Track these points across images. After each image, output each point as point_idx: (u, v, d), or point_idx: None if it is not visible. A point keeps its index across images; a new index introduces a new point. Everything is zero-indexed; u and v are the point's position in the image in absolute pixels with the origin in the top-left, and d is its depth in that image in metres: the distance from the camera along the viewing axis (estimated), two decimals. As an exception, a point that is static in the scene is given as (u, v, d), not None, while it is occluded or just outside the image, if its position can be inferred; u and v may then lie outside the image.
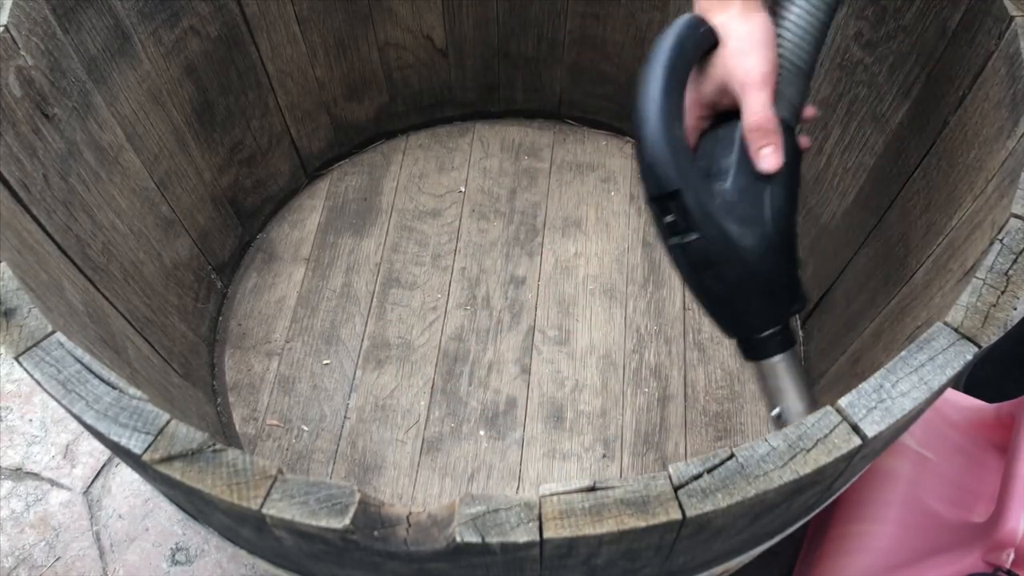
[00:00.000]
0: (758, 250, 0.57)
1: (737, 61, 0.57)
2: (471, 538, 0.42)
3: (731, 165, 0.57)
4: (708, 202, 0.55)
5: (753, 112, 0.57)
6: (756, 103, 0.57)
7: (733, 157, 0.57)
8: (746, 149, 0.57)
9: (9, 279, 0.51)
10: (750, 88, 0.57)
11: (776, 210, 0.58)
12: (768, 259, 0.58)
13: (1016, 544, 0.70)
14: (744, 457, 0.45)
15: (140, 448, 0.45)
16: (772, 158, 0.58)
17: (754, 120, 0.57)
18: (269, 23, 0.91)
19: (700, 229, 0.55)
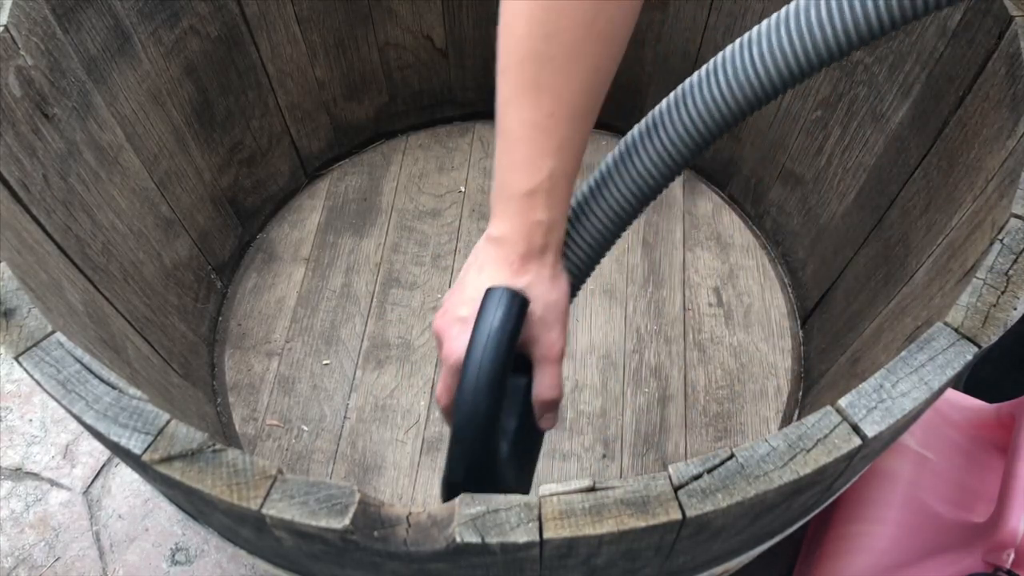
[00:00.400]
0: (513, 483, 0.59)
1: (540, 332, 0.54)
2: (471, 538, 0.42)
3: (513, 426, 0.57)
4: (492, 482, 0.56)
5: (548, 387, 0.56)
6: (551, 378, 0.56)
7: (516, 419, 0.57)
8: (529, 408, 0.58)
9: (9, 279, 0.51)
10: (548, 363, 0.56)
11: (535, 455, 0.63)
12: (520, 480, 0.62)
13: (1016, 544, 0.70)
14: (744, 457, 0.45)
15: (140, 448, 0.45)
16: (551, 422, 0.60)
17: (547, 396, 0.57)
18: (269, 23, 0.91)
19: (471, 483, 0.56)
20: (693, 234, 1.05)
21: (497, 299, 0.51)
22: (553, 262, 0.54)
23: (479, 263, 0.55)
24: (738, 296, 0.99)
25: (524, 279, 0.52)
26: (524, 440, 0.59)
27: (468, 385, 0.51)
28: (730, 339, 0.96)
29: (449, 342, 0.54)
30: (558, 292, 0.54)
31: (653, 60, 1.04)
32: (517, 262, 0.52)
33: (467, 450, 0.53)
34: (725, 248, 1.03)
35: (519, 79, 0.48)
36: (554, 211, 0.52)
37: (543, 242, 0.52)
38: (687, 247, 1.03)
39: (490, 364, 0.50)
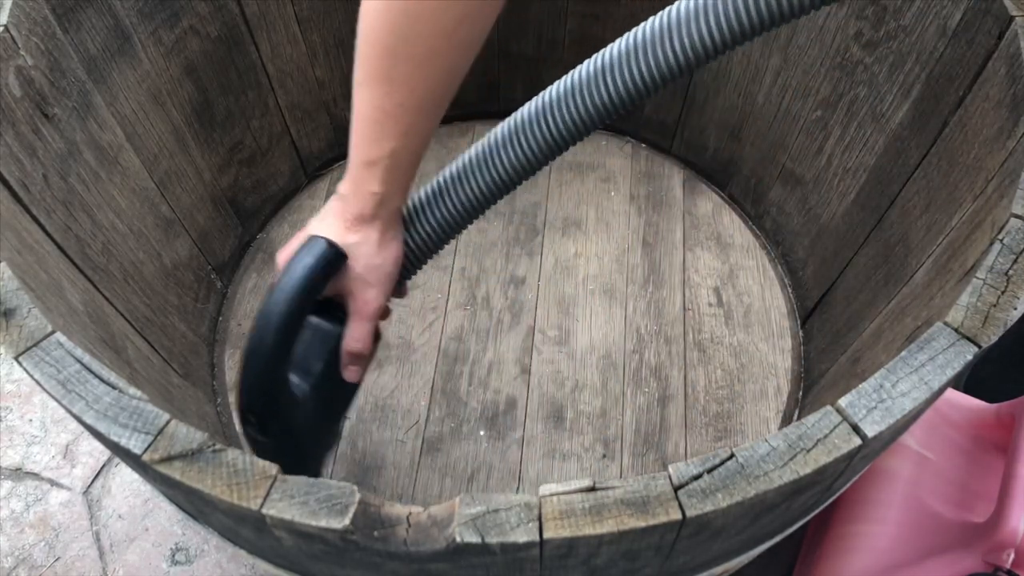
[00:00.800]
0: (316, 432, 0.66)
1: (358, 289, 0.60)
2: (471, 538, 0.42)
3: (318, 369, 0.62)
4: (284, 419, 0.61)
5: (356, 339, 0.62)
6: (363, 332, 0.62)
7: (322, 363, 0.62)
8: (338, 356, 0.63)
9: (9, 279, 0.51)
10: (360, 318, 0.61)
11: (344, 399, 0.68)
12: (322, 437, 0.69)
13: (1016, 544, 0.70)
14: (744, 457, 0.45)
15: (140, 448, 0.45)
16: (358, 374, 0.65)
17: (355, 347, 0.62)
18: (269, 23, 0.91)
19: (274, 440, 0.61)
20: (693, 234, 1.05)
21: (310, 246, 0.57)
22: (383, 230, 0.59)
23: (322, 213, 0.60)
24: (738, 296, 0.99)
25: (352, 237, 0.58)
26: (330, 386, 0.64)
27: (261, 315, 0.56)
28: (730, 339, 0.96)
29: (274, 273, 0.60)
30: (383, 258, 0.60)
31: (653, 60, 1.04)
32: (349, 222, 0.58)
33: (253, 374, 0.58)
34: (725, 248, 1.04)
35: (375, 67, 0.52)
36: (390, 186, 0.56)
37: (373, 211, 0.57)
38: (687, 247, 1.03)
39: (284, 299, 0.56)
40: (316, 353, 0.62)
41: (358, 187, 0.57)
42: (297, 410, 0.62)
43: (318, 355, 0.62)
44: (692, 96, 1.05)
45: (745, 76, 0.97)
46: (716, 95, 1.02)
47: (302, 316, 0.58)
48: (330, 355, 0.63)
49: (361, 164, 0.56)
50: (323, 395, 0.64)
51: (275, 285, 0.57)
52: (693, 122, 1.07)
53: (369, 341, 0.63)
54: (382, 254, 0.60)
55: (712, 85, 1.01)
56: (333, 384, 0.65)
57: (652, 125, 1.11)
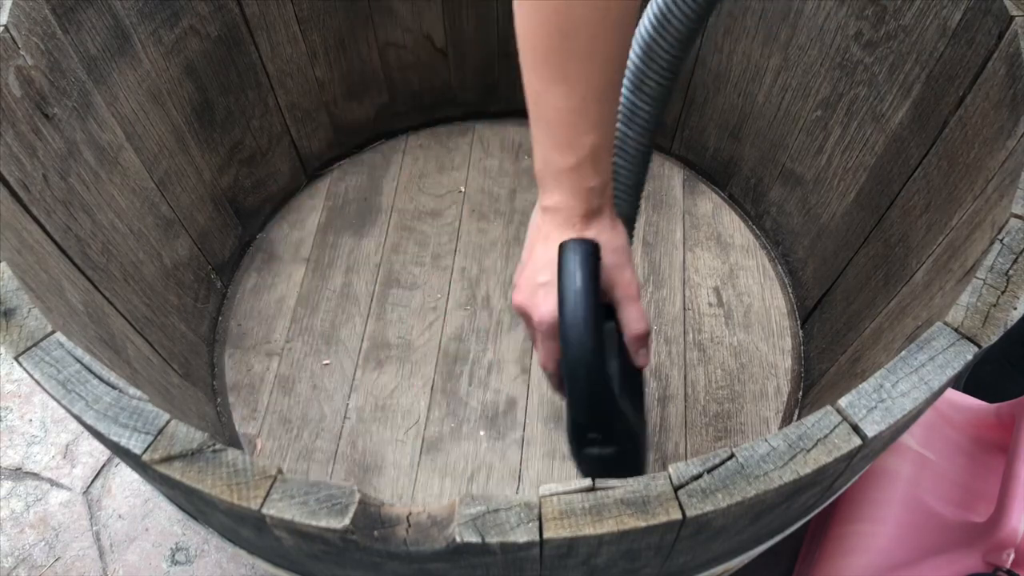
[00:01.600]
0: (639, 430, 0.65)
1: (616, 275, 0.60)
2: (471, 538, 0.42)
3: (615, 367, 0.61)
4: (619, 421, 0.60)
5: (636, 322, 0.61)
6: (637, 314, 0.61)
7: (616, 360, 0.61)
8: (625, 349, 0.62)
9: (9, 279, 0.51)
10: (630, 301, 0.61)
11: (640, 392, 0.66)
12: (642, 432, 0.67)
13: (1016, 544, 0.70)
14: (744, 457, 0.45)
15: (140, 448, 0.45)
16: (647, 356, 0.64)
17: (638, 330, 0.61)
18: (269, 23, 0.91)
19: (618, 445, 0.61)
20: (693, 234, 1.05)
21: (572, 249, 0.56)
22: (611, 215, 0.59)
23: (543, 233, 0.59)
24: (738, 296, 0.99)
25: (590, 233, 0.57)
26: (628, 380, 0.63)
27: (571, 333, 0.54)
28: (730, 339, 0.96)
29: (537, 308, 0.59)
30: (621, 238, 0.60)
31: (653, 60, 1.04)
32: (579, 222, 0.57)
33: (586, 395, 0.56)
34: (725, 248, 1.04)
35: (548, 73, 0.54)
36: (602, 175, 0.57)
37: (599, 203, 0.57)
38: (687, 247, 1.03)
39: (585, 306, 0.54)
40: (607, 356, 0.61)
41: (575, 190, 0.56)
42: (617, 409, 0.61)
43: (609, 356, 0.61)
44: (692, 96, 1.05)
45: (745, 76, 0.97)
46: (716, 95, 1.02)
47: (602, 320, 0.57)
48: (618, 350, 0.62)
49: (568, 170, 0.56)
50: (627, 391, 0.63)
51: (564, 305, 0.55)
52: (693, 122, 1.07)
53: (647, 322, 0.62)
54: (618, 236, 0.60)
55: (712, 85, 1.01)
56: (629, 376, 0.64)
57: (652, 125, 1.11)
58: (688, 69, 1.02)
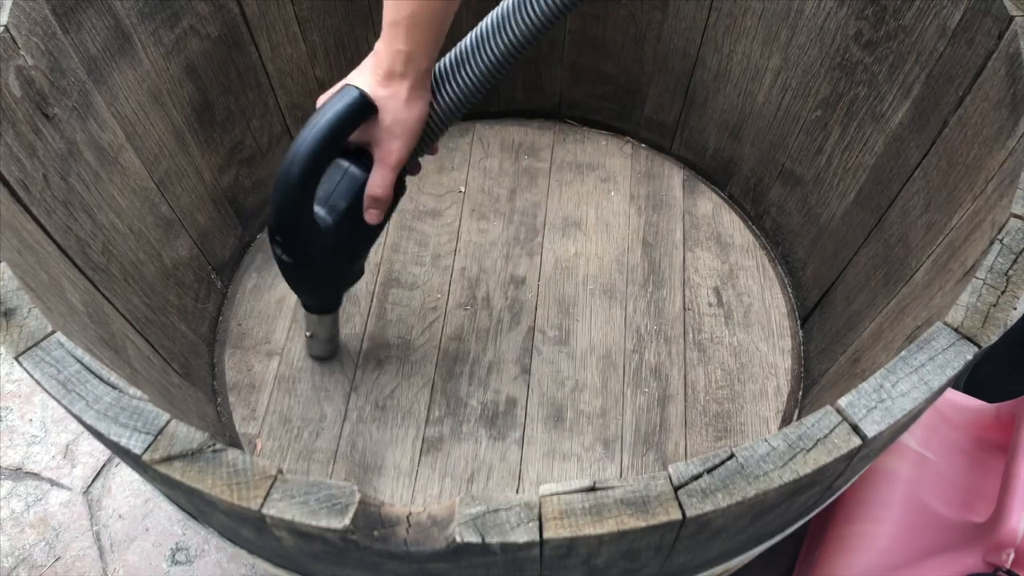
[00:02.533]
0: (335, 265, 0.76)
1: (384, 139, 0.67)
2: (471, 538, 0.42)
3: (343, 206, 0.70)
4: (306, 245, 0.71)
5: (377, 185, 0.70)
6: (384, 179, 0.69)
7: (346, 203, 0.70)
8: (360, 198, 0.71)
9: (9, 279, 0.51)
10: (383, 166, 0.69)
11: (362, 239, 0.76)
12: (341, 270, 0.78)
13: (1016, 544, 0.70)
14: (744, 457, 0.45)
15: (140, 448, 0.45)
16: (377, 217, 0.72)
17: (378, 192, 0.70)
18: (269, 23, 0.91)
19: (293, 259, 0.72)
20: (693, 234, 1.05)
21: (343, 94, 0.65)
22: (411, 87, 0.65)
23: (360, 67, 0.67)
24: (738, 296, 0.99)
25: (382, 91, 0.65)
26: (351, 224, 0.72)
27: (292, 146, 0.64)
28: (730, 339, 0.96)
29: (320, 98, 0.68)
30: (409, 113, 0.66)
31: (653, 60, 1.04)
32: (381, 77, 0.65)
33: (279, 198, 0.66)
34: (725, 248, 1.04)
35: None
36: (413, 46, 0.63)
37: (402, 69, 0.64)
38: (687, 247, 1.03)
39: (312, 135, 0.64)
40: (343, 193, 0.70)
41: (387, 45, 0.63)
42: (319, 239, 0.71)
43: (344, 195, 0.70)
44: (692, 96, 1.05)
45: (745, 76, 0.97)
46: (716, 95, 1.02)
47: (328, 153, 0.66)
48: (354, 197, 0.70)
49: (388, 24, 0.62)
50: (344, 231, 0.72)
51: (308, 122, 0.65)
52: (693, 122, 1.07)
53: (389, 189, 0.70)
54: (408, 109, 0.66)
55: (712, 85, 1.01)
56: (354, 223, 0.72)
57: (652, 125, 1.11)
58: (688, 69, 1.02)
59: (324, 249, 0.72)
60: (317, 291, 0.81)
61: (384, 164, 0.68)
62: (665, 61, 1.03)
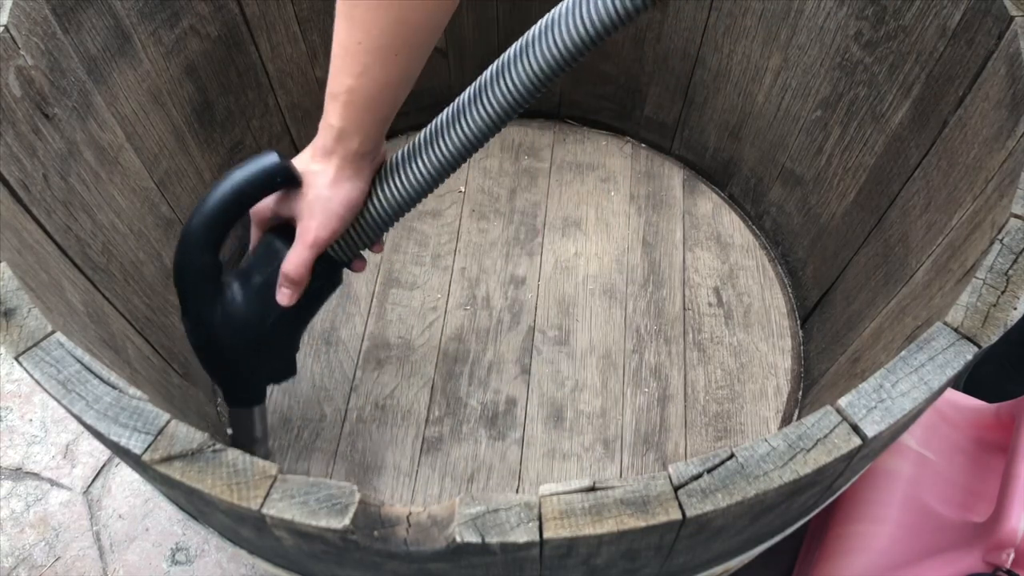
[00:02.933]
0: (249, 352, 0.70)
1: (305, 215, 0.63)
2: (471, 538, 0.42)
3: (257, 281, 0.66)
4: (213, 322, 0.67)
5: (292, 263, 0.64)
6: (298, 258, 0.64)
7: (261, 277, 0.66)
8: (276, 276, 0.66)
9: (9, 279, 0.51)
10: (300, 244, 0.64)
11: (276, 324, 0.68)
12: (257, 360, 0.71)
13: (1016, 544, 0.70)
14: (744, 457, 0.45)
15: (140, 448, 0.45)
16: (287, 299, 0.66)
17: (289, 270, 0.65)
18: (269, 23, 0.91)
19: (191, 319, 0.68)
20: (693, 234, 1.05)
21: (261, 156, 0.62)
22: (339, 167, 0.62)
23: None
24: (738, 296, 0.99)
25: (313, 166, 0.63)
26: (261, 304, 0.67)
27: (198, 203, 0.62)
28: (730, 339, 0.96)
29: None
30: (333, 194, 0.63)
31: (653, 60, 1.04)
32: (315, 151, 0.63)
33: (180, 259, 0.64)
34: (725, 248, 1.04)
35: (340, 7, 0.58)
36: (347, 122, 0.60)
37: (332, 146, 0.61)
38: (687, 247, 1.03)
39: (219, 191, 0.62)
40: (260, 267, 0.66)
41: (324, 118, 0.61)
42: (224, 308, 0.66)
43: (261, 269, 0.66)
44: (692, 96, 1.05)
45: (745, 76, 0.97)
46: (716, 95, 1.02)
47: (232, 209, 0.62)
48: (272, 274, 0.66)
49: (328, 96, 0.60)
50: (256, 311, 0.67)
51: (218, 179, 0.62)
52: (693, 122, 1.07)
53: (301, 268, 0.65)
54: (333, 190, 0.62)
55: (712, 85, 1.01)
56: (267, 303, 0.67)
57: (652, 125, 1.11)
58: (688, 69, 1.02)
59: (234, 329, 0.67)
60: (228, 375, 0.73)
61: (301, 241, 0.64)
62: (665, 61, 1.03)
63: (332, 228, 0.64)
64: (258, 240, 0.68)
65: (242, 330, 0.67)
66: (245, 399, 0.76)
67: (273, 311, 0.67)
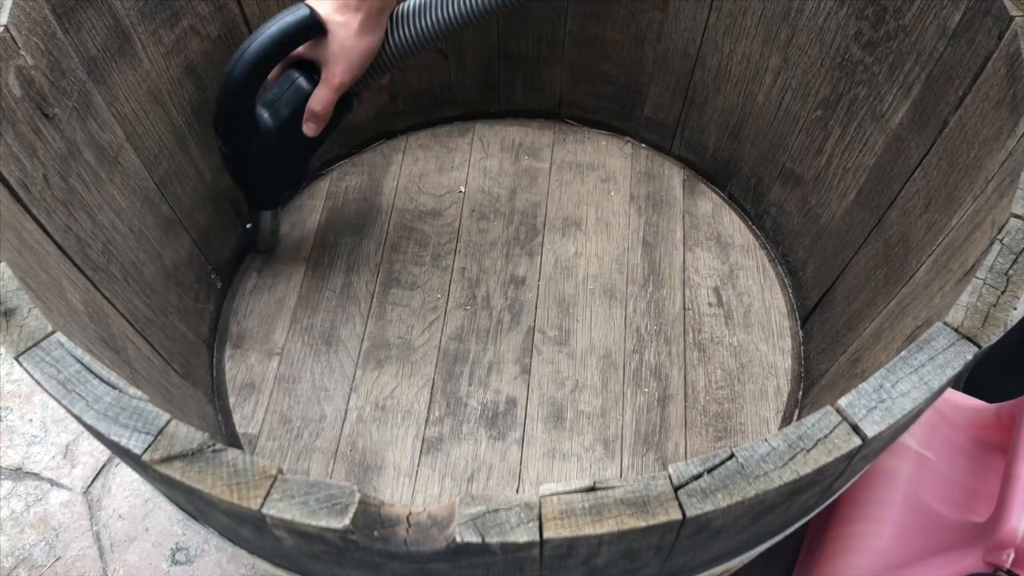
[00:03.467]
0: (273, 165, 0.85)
1: (330, 62, 0.74)
2: (471, 538, 0.42)
3: (285, 113, 0.79)
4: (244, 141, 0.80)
5: (319, 103, 0.77)
6: (325, 98, 0.76)
7: (289, 110, 0.79)
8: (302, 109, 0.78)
9: (9, 279, 0.51)
10: (325, 85, 0.76)
11: (299, 147, 0.83)
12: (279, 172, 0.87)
13: (1016, 544, 0.70)
14: (744, 457, 0.45)
15: (140, 448, 0.45)
16: (313, 131, 0.80)
17: (317, 108, 0.77)
18: (269, 23, 0.91)
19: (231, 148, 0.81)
20: (693, 234, 1.05)
21: (295, 9, 0.73)
22: (363, 20, 0.72)
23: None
24: (738, 296, 0.99)
25: (336, 17, 0.72)
26: (290, 132, 0.80)
27: (239, 49, 0.74)
28: (730, 339, 0.96)
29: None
30: (356, 43, 0.73)
31: (653, 60, 1.04)
32: (338, 4, 0.72)
33: (222, 92, 0.76)
34: (725, 248, 1.04)
35: None
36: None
37: (357, 3, 0.71)
38: (687, 247, 1.03)
39: (258, 40, 0.73)
40: (287, 101, 0.78)
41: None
42: (259, 138, 0.80)
43: (288, 103, 0.78)
44: (692, 96, 1.05)
45: (745, 76, 0.97)
46: (716, 95, 1.02)
47: (270, 60, 0.74)
48: (297, 107, 0.79)
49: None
50: (283, 136, 0.80)
51: (257, 29, 0.73)
52: (693, 122, 1.07)
53: (327, 107, 0.77)
54: (356, 40, 0.72)
55: (712, 85, 1.01)
56: (293, 131, 0.80)
57: (652, 125, 1.11)
58: (688, 69, 1.02)
59: (262, 148, 0.80)
60: (255, 186, 0.88)
61: (327, 84, 0.75)
62: (665, 61, 1.03)
63: (354, 74, 0.75)
64: (280, 72, 0.78)
65: (272, 154, 0.81)
66: (268, 203, 0.92)
67: (299, 138, 0.81)
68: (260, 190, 0.89)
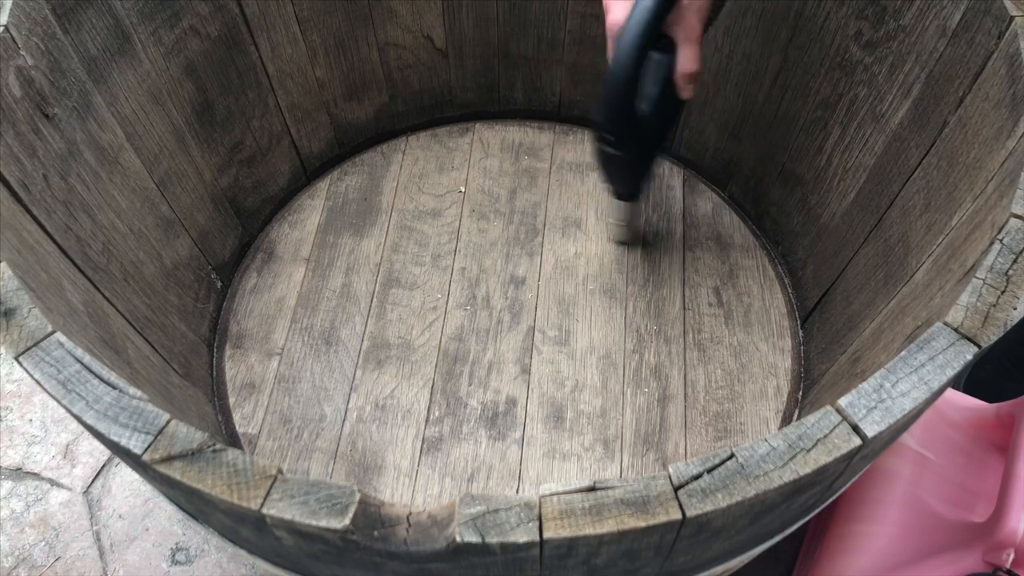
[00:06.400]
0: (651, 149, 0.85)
1: (686, 16, 0.72)
2: (471, 538, 0.42)
3: (655, 93, 0.77)
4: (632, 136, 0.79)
5: (690, 61, 0.75)
6: (693, 54, 0.75)
7: (657, 88, 0.77)
8: (671, 80, 0.76)
9: (9, 279, 0.51)
10: (689, 43, 0.74)
11: (668, 122, 0.82)
12: (654, 153, 0.86)
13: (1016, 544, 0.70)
14: (744, 457, 0.45)
15: (140, 448, 0.45)
16: (692, 92, 0.78)
17: (687, 69, 0.75)
18: (269, 23, 0.91)
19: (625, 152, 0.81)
20: (693, 234, 1.05)
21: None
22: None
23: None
24: (738, 296, 0.99)
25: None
26: (666, 106, 0.79)
27: (618, 54, 0.70)
28: (730, 339, 0.96)
29: (610, 11, 0.73)
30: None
31: (653, 60, 1.04)
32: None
33: (607, 104, 0.75)
34: (725, 248, 1.04)
35: None
36: None
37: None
38: (687, 247, 1.03)
39: (637, 40, 0.70)
40: (653, 80, 0.76)
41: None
42: (641, 129, 0.79)
43: (654, 81, 0.76)
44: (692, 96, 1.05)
45: (745, 76, 0.97)
46: (716, 95, 1.02)
47: (647, 46, 0.71)
48: (664, 80, 0.76)
49: None
50: (658, 113, 0.79)
51: (626, 25, 0.70)
52: (693, 122, 1.07)
53: (699, 64, 0.75)
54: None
55: (712, 85, 1.01)
56: (664, 107, 0.79)
57: (652, 125, 1.11)
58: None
59: (644, 133, 0.79)
60: (632, 178, 0.89)
61: (689, 41, 0.73)
62: (665, 61, 1.03)
63: (706, 17, 0.74)
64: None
65: (651, 135, 0.81)
66: (638, 192, 0.93)
67: (667, 111, 0.80)
68: (635, 180, 0.90)
